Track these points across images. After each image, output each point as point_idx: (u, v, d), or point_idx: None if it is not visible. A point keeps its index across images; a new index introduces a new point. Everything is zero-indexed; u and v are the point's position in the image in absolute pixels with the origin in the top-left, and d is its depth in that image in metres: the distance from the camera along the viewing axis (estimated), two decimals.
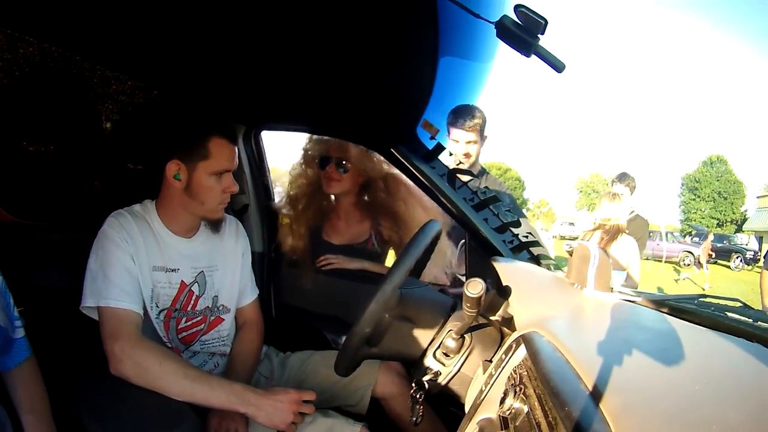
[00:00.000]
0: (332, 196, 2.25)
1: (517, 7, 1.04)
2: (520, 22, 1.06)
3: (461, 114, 2.43)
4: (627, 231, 3.19)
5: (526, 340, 0.88)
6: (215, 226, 1.58)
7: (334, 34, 1.21)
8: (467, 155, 2.49)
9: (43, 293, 1.37)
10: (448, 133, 2.50)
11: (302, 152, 2.22)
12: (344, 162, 2.10)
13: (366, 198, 2.21)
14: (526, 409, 0.70)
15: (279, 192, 2.36)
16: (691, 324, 0.97)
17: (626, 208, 3.62)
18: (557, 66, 1.09)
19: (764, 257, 3.18)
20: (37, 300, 1.25)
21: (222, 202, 1.53)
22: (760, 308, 2.90)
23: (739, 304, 1.12)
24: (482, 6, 1.11)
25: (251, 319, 1.75)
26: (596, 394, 0.60)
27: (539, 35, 1.06)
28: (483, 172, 2.66)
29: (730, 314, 1.02)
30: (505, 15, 1.07)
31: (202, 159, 1.45)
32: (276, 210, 2.28)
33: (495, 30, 1.08)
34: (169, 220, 1.53)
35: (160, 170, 1.48)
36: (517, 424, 0.70)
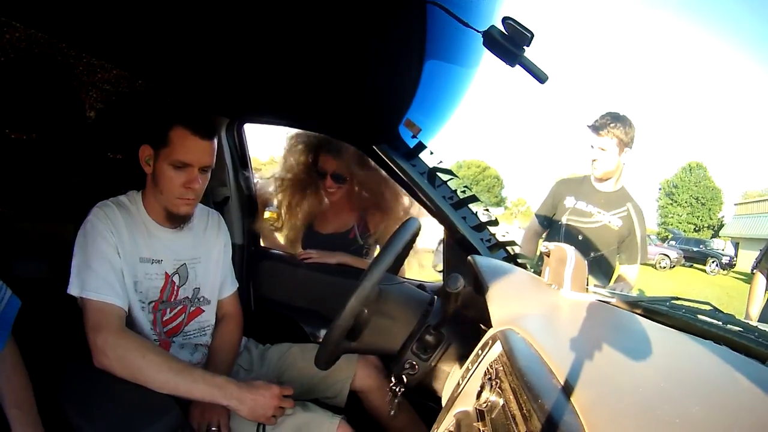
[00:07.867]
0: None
1: (505, 19, 1.06)
2: (506, 33, 1.07)
3: (603, 118, 2.40)
4: None
5: (502, 336, 0.90)
6: (177, 220, 1.54)
7: (321, 30, 1.21)
8: (594, 160, 2.48)
9: (24, 283, 1.35)
10: None
11: (292, 142, 2.25)
12: (340, 175, 2.15)
13: (355, 191, 2.24)
14: (501, 402, 0.72)
15: (257, 184, 2.37)
16: (663, 326, 1.00)
17: None
18: (540, 77, 1.11)
19: (756, 261, 3.04)
20: (18, 290, 1.23)
21: (181, 197, 1.47)
22: (744, 311, 2.90)
23: (709, 308, 1.15)
24: (471, 15, 1.12)
25: (230, 311, 1.75)
26: (568, 389, 0.62)
27: (525, 47, 1.08)
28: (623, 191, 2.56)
29: (700, 317, 1.05)
30: (492, 26, 1.08)
31: (163, 147, 1.42)
32: (265, 200, 2.30)
33: (482, 39, 1.10)
34: (151, 210, 1.52)
35: (137, 157, 1.47)
36: (493, 416, 0.72)
